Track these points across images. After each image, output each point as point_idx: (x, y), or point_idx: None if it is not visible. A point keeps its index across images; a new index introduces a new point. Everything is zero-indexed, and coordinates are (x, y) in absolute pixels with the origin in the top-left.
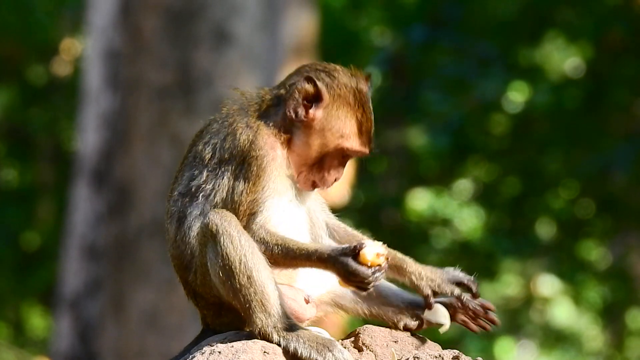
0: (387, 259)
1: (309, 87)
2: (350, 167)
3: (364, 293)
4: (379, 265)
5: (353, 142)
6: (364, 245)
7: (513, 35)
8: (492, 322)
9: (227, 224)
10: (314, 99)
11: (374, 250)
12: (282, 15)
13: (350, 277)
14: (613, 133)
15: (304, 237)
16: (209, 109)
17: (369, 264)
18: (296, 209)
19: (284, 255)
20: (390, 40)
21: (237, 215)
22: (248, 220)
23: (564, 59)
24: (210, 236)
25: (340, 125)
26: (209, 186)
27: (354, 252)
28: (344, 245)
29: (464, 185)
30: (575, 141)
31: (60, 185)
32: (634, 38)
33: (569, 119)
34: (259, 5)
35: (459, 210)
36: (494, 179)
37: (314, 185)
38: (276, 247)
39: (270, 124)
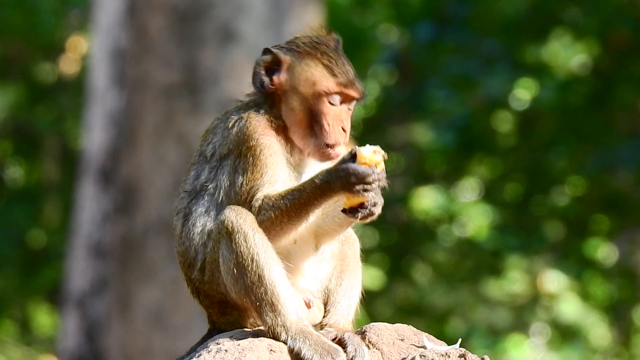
0: (385, 156)
1: (267, 58)
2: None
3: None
4: (378, 164)
5: (329, 84)
6: (359, 148)
7: (519, 33)
8: None
9: (242, 222)
10: (275, 65)
11: (371, 149)
12: (288, 14)
13: (353, 180)
14: (619, 131)
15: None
16: (215, 108)
17: (367, 162)
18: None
19: (294, 202)
20: (396, 38)
21: (240, 206)
22: (250, 206)
23: (570, 56)
24: (225, 233)
25: (309, 74)
26: (212, 185)
27: (351, 155)
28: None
29: (470, 183)
30: (581, 139)
31: (67, 184)
32: None
33: (575, 117)
34: (265, 4)
35: (465, 208)
36: (500, 176)
37: (328, 153)
38: (282, 200)
39: (261, 112)
